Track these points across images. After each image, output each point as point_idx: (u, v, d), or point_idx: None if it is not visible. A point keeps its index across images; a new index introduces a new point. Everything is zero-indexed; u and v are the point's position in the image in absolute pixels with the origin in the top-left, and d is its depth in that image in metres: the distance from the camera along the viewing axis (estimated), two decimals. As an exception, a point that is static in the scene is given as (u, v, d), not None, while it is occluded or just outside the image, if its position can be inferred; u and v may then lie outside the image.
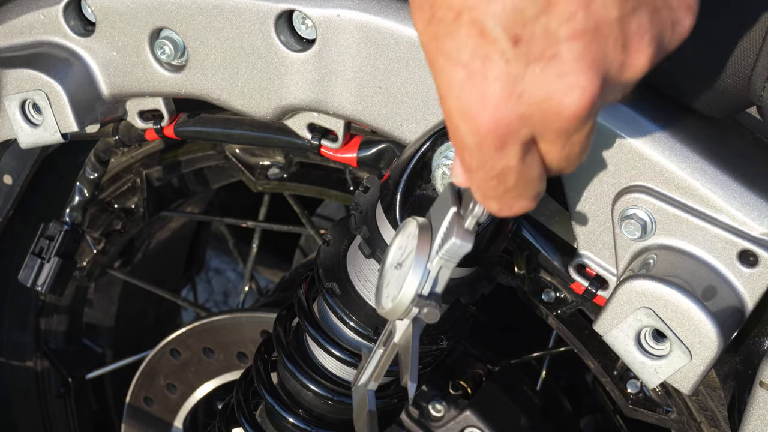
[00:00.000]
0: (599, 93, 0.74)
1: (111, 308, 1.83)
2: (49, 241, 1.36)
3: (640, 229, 0.95)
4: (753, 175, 0.95)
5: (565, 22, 0.72)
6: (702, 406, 1.10)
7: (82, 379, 1.78)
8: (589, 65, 0.73)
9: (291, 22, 1.05)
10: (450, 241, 0.88)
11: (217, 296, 2.96)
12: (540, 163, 0.81)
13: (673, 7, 0.75)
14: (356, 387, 1.02)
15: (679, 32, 0.76)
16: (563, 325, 1.16)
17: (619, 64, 0.75)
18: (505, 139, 0.77)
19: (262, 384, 1.18)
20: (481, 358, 1.45)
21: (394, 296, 0.92)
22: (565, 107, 0.74)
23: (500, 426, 1.40)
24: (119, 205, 1.53)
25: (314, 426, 1.15)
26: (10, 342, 1.70)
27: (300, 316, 1.14)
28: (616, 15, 0.73)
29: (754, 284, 0.93)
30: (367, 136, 1.13)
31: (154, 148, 1.44)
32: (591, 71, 0.73)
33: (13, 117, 1.17)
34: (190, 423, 1.65)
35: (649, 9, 0.74)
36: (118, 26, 1.11)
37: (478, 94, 0.75)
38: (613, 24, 0.73)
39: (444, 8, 0.74)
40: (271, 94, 1.08)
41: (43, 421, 1.77)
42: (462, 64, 0.75)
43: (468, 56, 0.74)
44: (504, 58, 0.73)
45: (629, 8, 0.73)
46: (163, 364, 1.59)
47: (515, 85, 0.74)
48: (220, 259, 2.98)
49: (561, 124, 0.76)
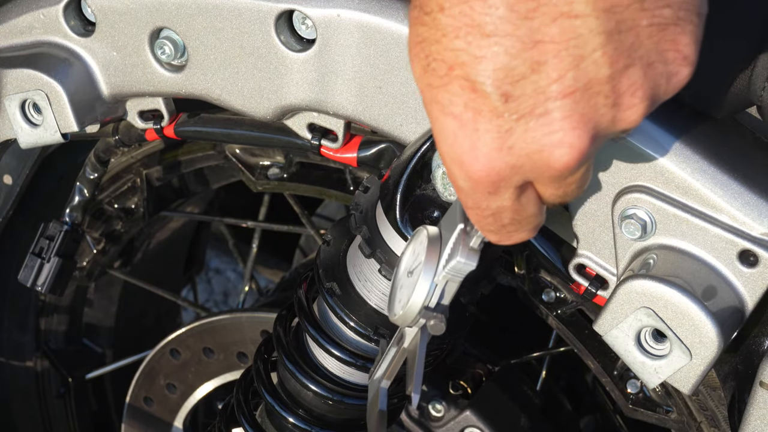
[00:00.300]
0: (589, 147, 0.75)
1: (111, 308, 1.83)
2: (49, 241, 1.36)
3: (640, 229, 0.95)
4: (753, 175, 0.95)
5: (555, 81, 0.73)
6: (702, 406, 1.10)
7: (82, 379, 1.78)
8: (578, 122, 0.74)
9: (291, 22, 1.05)
10: (455, 259, 0.88)
11: (217, 296, 2.96)
12: (536, 201, 0.82)
13: (668, 61, 0.75)
14: (372, 380, 1.02)
15: (675, 84, 0.76)
16: (563, 325, 1.16)
17: (609, 120, 0.75)
18: (498, 185, 0.78)
19: (262, 384, 1.18)
20: (481, 358, 1.45)
21: (404, 304, 0.93)
22: (554, 161, 0.75)
23: (500, 426, 1.40)
24: (119, 205, 1.53)
25: (314, 426, 1.15)
26: (10, 342, 1.70)
27: (300, 316, 1.14)
28: (607, 73, 0.73)
29: (754, 284, 0.93)
30: (367, 136, 1.13)
31: (154, 148, 1.44)
32: (580, 128, 0.74)
33: (13, 117, 1.17)
34: (190, 423, 1.65)
35: (643, 65, 0.74)
36: (118, 26, 1.11)
37: (469, 145, 0.76)
38: (604, 82, 0.73)
39: (437, 60, 0.75)
40: (271, 94, 1.08)
41: (43, 421, 1.77)
42: (454, 115, 0.76)
43: (460, 108, 0.75)
44: (495, 112, 0.74)
45: (621, 66, 0.73)
46: (163, 364, 1.59)
47: (506, 138, 0.75)
48: (220, 259, 2.98)
49: (552, 173, 0.77)
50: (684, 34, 0.74)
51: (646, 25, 0.73)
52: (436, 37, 0.74)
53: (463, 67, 0.73)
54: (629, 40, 0.73)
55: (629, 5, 0.72)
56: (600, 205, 0.99)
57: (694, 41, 0.75)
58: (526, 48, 0.72)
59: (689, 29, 0.74)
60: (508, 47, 0.72)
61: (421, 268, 0.91)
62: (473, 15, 0.72)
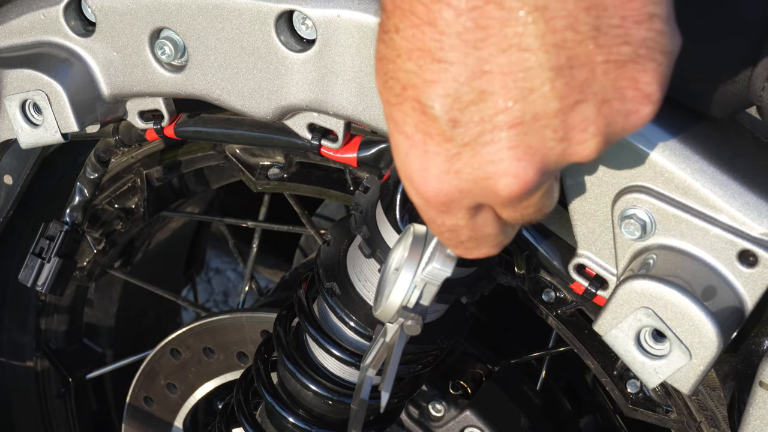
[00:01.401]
0: (536, 178, 0.75)
1: (111, 308, 1.84)
2: (49, 241, 1.36)
3: (639, 229, 0.95)
4: (753, 175, 0.95)
5: (501, 112, 0.73)
6: (702, 406, 1.10)
7: (82, 379, 1.78)
8: (524, 154, 0.74)
9: (291, 23, 1.05)
10: (431, 265, 0.89)
11: (217, 296, 2.96)
12: (494, 222, 0.82)
13: (626, 98, 0.73)
14: (363, 365, 1.03)
15: (634, 121, 0.75)
16: (563, 325, 1.16)
17: (559, 153, 0.75)
18: (448, 206, 0.79)
19: (262, 384, 1.18)
20: (481, 358, 1.45)
21: (384, 300, 0.93)
22: (500, 189, 0.76)
23: (500, 426, 1.40)
24: (119, 205, 1.53)
25: (314, 425, 1.15)
26: (11, 342, 1.70)
27: (300, 316, 1.14)
28: (555, 108, 0.72)
29: (753, 284, 0.93)
30: (367, 137, 1.13)
31: (154, 148, 1.44)
32: (525, 160, 0.74)
33: (13, 117, 1.17)
34: (191, 423, 1.65)
35: (597, 101, 0.73)
36: (118, 26, 1.12)
37: (419, 165, 0.77)
38: (552, 116, 0.73)
39: (393, 79, 0.75)
40: (271, 94, 1.08)
41: (43, 421, 1.77)
42: (406, 134, 0.76)
43: (411, 129, 0.76)
44: (443, 137, 0.75)
45: (571, 101, 0.72)
46: (163, 364, 1.60)
47: (453, 162, 0.75)
48: (220, 259, 2.98)
49: (500, 200, 0.77)
50: (645, 72, 0.73)
51: (602, 61, 0.72)
52: (392, 56, 0.74)
53: (414, 89, 0.74)
54: (582, 76, 0.72)
55: (581, 41, 0.71)
56: (600, 205, 0.99)
57: (656, 80, 0.73)
58: (474, 76, 0.72)
59: (651, 67, 0.73)
60: (456, 74, 0.72)
61: (403, 266, 0.91)
62: (424, 40, 0.72)
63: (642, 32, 0.71)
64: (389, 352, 0.97)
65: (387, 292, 0.93)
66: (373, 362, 1.00)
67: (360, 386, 1.02)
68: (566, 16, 0.70)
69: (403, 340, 0.95)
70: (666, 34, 0.73)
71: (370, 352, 1.02)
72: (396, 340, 0.95)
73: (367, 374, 1.01)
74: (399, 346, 0.95)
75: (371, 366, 1.01)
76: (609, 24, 0.71)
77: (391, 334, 0.96)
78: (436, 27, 0.71)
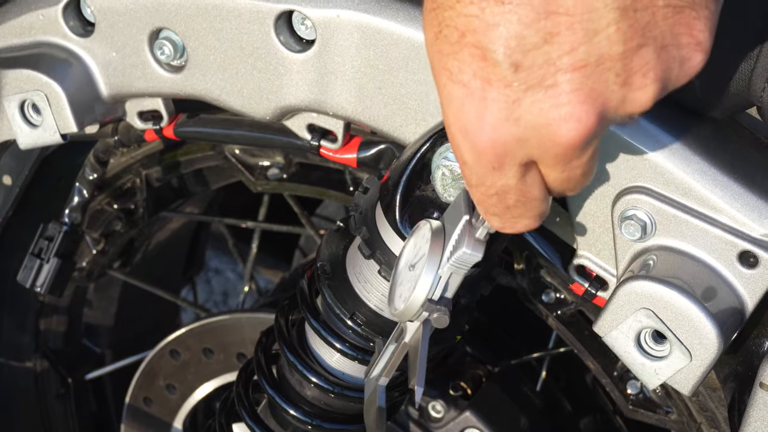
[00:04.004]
0: (596, 124, 0.75)
1: (110, 309, 1.83)
2: (48, 242, 1.36)
3: (640, 230, 0.95)
4: (753, 176, 0.95)
5: (566, 54, 0.72)
6: (702, 407, 1.10)
7: (81, 380, 1.78)
8: (587, 97, 0.73)
9: (290, 23, 1.05)
10: (461, 250, 0.88)
11: (217, 296, 2.96)
12: (541, 185, 0.81)
13: (682, 45, 0.74)
14: (368, 379, 1.02)
15: (687, 69, 0.75)
16: (563, 326, 1.16)
17: (619, 99, 0.74)
18: (503, 159, 0.78)
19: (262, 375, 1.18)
20: (481, 359, 1.45)
21: (405, 298, 0.92)
22: (560, 135, 0.75)
23: (500, 426, 1.40)
24: (119, 205, 1.53)
25: (315, 418, 1.15)
26: (10, 342, 1.70)
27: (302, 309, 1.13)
28: (619, 50, 0.72)
29: (754, 285, 0.93)
30: (367, 137, 1.13)
31: (154, 148, 1.44)
32: (588, 103, 0.74)
33: (12, 118, 1.17)
34: (190, 423, 1.65)
35: (656, 46, 0.73)
36: (117, 27, 1.11)
37: (476, 114, 0.75)
38: (616, 59, 0.73)
39: (450, 27, 0.74)
40: (270, 95, 1.08)
41: (43, 421, 1.77)
42: (462, 83, 0.75)
43: (469, 76, 0.75)
44: (503, 82, 0.74)
45: (634, 45, 0.72)
46: (162, 365, 1.59)
47: (513, 108, 0.75)
48: (220, 259, 2.98)
49: (558, 150, 0.76)
50: (699, 19, 0.74)
51: (663, 5, 0.72)
52: (451, 2, 0.73)
53: (475, 34, 0.73)
54: (644, 19, 0.72)
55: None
56: (600, 206, 0.99)
57: (708, 28, 0.74)
58: (539, 18, 0.71)
59: (704, 15, 0.74)
60: (522, 16, 0.71)
61: (425, 260, 0.90)
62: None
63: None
64: (412, 351, 0.96)
65: (408, 290, 0.92)
66: (386, 370, 1.00)
67: (373, 397, 1.01)
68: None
69: (428, 334, 0.94)
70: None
71: (376, 364, 1.01)
72: (419, 337, 0.94)
73: (380, 383, 1.00)
74: (425, 341, 0.94)
75: (384, 374, 1.00)
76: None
77: (411, 333, 0.95)
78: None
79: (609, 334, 0.95)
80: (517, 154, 0.77)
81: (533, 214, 0.83)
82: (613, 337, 0.95)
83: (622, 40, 0.72)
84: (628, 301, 0.93)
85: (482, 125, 0.76)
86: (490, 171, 0.79)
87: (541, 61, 0.72)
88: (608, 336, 0.95)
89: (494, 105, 0.75)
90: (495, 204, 0.82)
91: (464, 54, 0.74)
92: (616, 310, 0.94)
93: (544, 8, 0.71)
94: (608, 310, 0.95)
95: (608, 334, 0.95)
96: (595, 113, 0.74)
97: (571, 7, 0.71)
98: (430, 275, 0.90)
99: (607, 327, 0.95)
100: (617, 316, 0.94)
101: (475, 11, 0.72)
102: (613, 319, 0.95)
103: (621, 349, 0.95)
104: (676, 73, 0.75)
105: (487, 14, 0.72)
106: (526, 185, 0.80)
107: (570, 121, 0.74)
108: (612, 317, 0.95)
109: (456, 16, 0.73)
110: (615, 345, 0.95)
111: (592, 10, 0.71)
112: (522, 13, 0.71)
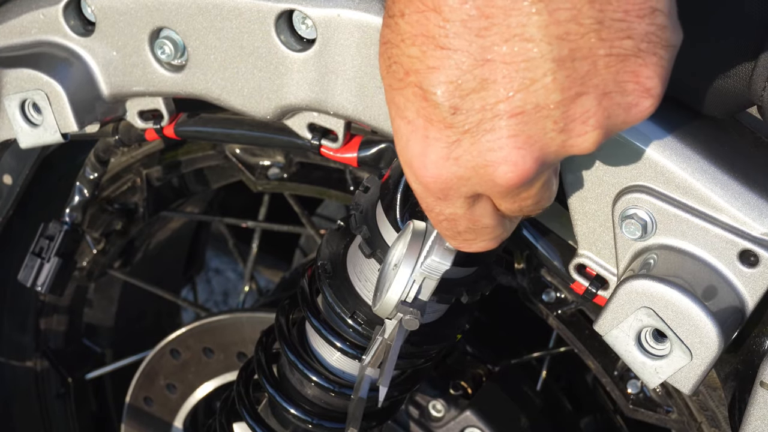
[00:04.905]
0: (534, 168, 0.75)
1: (111, 308, 1.83)
2: (48, 241, 1.36)
3: (640, 229, 0.95)
4: (753, 175, 0.95)
5: (503, 101, 0.73)
6: (702, 406, 1.10)
7: (81, 380, 1.78)
8: (523, 143, 0.74)
9: (291, 22, 1.05)
10: (430, 258, 0.90)
11: (217, 296, 2.96)
12: (492, 213, 0.82)
13: (627, 92, 0.74)
14: (362, 364, 1.03)
15: (635, 115, 0.75)
16: (564, 325, 1.16)
17: (558, 144, 0.75)
18: (447, 193, 0.79)
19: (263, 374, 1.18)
20: (482, 358, 1.45)
21: (380, 296, 0.93)
22: (498, 177, 0.76)
23: (500, 426, 1.40)
24: (119, 205, 1.53)
25: (314, 416, 1.15)
26: (10, 342, 1.70)
27: (303, 307, 1.14)
28: (557, 99, 0.73)
29: (754, 284, 0.93)
30: (368, 136, 1.13)
31: (154, 148, 1.44)
32: (525, 149, 0.74)
33: (12, 117, 1.17)
34: (190, 423, 1.65)
35: (598, 94, 0.73)
36: (118, 26, 1.11)
37: (419, 150, 0.77)
38: (553, 107, 0.73)
39: (397, 64, 0.76)
40: (271, 94, 1.08)
41: (43, 421, 1.77)
42: (407, 119, 0.77)
43: (413, 114, 0.76)
44: (444, 123, 0.75)
45: (573, 93, 0.73)
46: (163, 365, 1.59)
47: (453, 148, 0.76)
48: (220, 259, 2.98)
49: (499, 189, 0.77)
50: (646, 66, 0.73)
51: (604, 54, 0.72)
52: (396, 41, 0.75)
53: (417, 75, 0.74)
54: (584, 68, 0.72)
55: (585, 34, 0.71)
56: (600, 205, 0.99)
57: (657, 74, 0.74)
58: (476, 64, 0.72)
59: (652, 61, 0.73)
60: (459, 62, 0.72)
61: (402, 261, 0.92)
62: (429, 26, 0.72)
63: (644, 26, 0.72)
64: (388, 349, 0.97)
65: (385, 288, 0.93)
66: (372, 360, 1.00)
67: (359, 384, 1.02)
68: (570, 9, 0.70)
69: (402, 336, 0.95)
70: (668, 28, 0.73)
71: (369, 351, 1.02)
72: (395, 336, 0.95)
73: (366, 373, 1.01)
74: (398, 342, 0.96)
75: (370, 365, 1.01)
76: (612, 17, 0.71)
77: (389, 330, 0.96)
78: (440, 14, 0.71)
79: (609, 333, 0.95)
80: (461, 189, 0.79)
81: (487, 238, 0.85)
82: (613, 336, 0.95)
83: (559, 89, 0.72)
84: (629, 300, 0.93)
85: (425, 162, 0.77)
86: (437, 201, 0.80)
87: (478, 105, 0.73)
88: (609, 335, 0.95)
89: (435, 144, 0.76)
90: (447, 228, 0.84)
91: (408, 92, 0.76)
92: (617, 309, 0.94)
93: (481, 55, 0.72)
94: (609, 309, 0.95)
95: (609, 333, 0.95)
96: (532, 158, 0.75)
97: (507, 55, 0.71)
98: (404, 277, 0.92)
99: (608, 326, 0.95)
100: (618, 315, 0.94)
101: (416, 53, 0.74)
102: (613, 318, 0.95)
103: (621, 348, 0.95)
104: (623, 119, 0.75)
105: (428, 57, 0.73)
106: (475, 215, 0.82)
107: (507, 165, 0.75)
108: (612, 316, 0.95)
109: (401, 54, 0.75)
110: (615, 344, 0.95)
111: (529, 59, 0.71)
112: (459, 59, 0.72)
